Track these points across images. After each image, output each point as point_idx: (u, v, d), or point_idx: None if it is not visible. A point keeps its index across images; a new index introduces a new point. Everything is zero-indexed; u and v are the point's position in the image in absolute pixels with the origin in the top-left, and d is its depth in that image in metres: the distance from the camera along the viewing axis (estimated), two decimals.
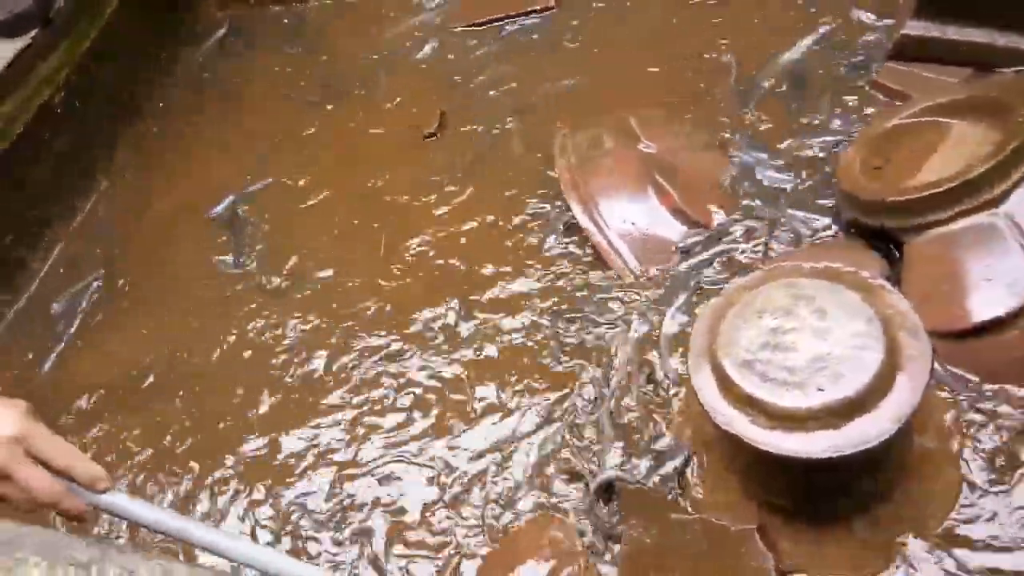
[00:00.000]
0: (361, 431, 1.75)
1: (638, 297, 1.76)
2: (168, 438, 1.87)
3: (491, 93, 2.37)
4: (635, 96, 2.18)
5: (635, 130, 1.96)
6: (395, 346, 1.88)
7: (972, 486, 1.35)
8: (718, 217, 1.82)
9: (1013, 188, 1.45)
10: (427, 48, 2.58)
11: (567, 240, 1.92)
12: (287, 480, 1.72)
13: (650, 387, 1.62)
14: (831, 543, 1.33)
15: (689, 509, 1.43)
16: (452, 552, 1.53)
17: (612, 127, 2.01)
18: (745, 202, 1.83)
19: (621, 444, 1.55)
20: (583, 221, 1.85)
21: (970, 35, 1.86)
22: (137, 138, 2.68)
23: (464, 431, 1.69)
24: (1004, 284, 1.42)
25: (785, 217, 1.78)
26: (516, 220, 2.02)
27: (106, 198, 2.54)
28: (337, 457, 1.73)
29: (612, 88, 2.24)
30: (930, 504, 1.34)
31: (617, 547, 1.43)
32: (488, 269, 1.94)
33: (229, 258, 2.22)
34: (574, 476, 1.55)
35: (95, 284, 2.29)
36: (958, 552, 1.30)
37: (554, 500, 1.54)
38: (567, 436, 1.61)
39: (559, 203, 1.97)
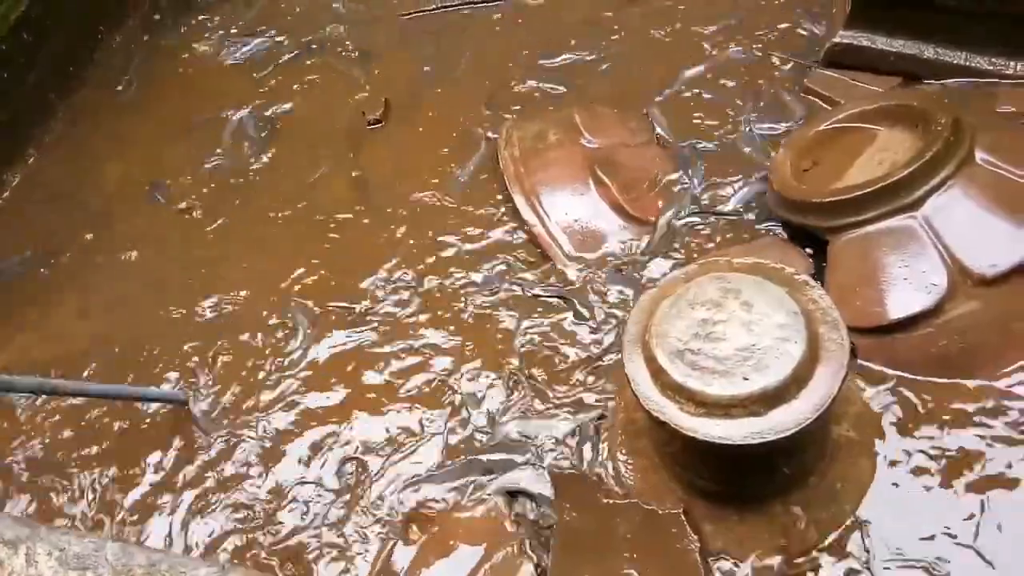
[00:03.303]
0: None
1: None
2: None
3: (438, 80, 2.39)
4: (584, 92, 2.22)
5: (578, 125, 2.00)
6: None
7: (884, 472, 1.43)
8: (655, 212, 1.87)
9: (930, 193, 1.54)
10: (373, 33, 2.58)
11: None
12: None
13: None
14: (751, 525, 1.39)
15: (620, 493, 1.47)
16: (386, 535, 1.55)
17: (556, 121, 2.05)
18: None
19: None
20: (525, 213, 1.88)
21: (898, 46, 1.95)
22: (76, 108, 2.62)
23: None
24: (920, 284, 1.50)
25: (718, 214, 1.85)
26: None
27: (38, 169, 2.49)
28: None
29: (561, 81, 2.28)
30: (845, 489, 1.41)
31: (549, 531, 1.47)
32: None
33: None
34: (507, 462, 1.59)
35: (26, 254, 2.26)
36: (872, 534, 1.37)
37: (487, 484, 1.57)
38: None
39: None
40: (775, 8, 2.26)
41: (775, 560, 1.37)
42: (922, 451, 1.44)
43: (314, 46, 2.61)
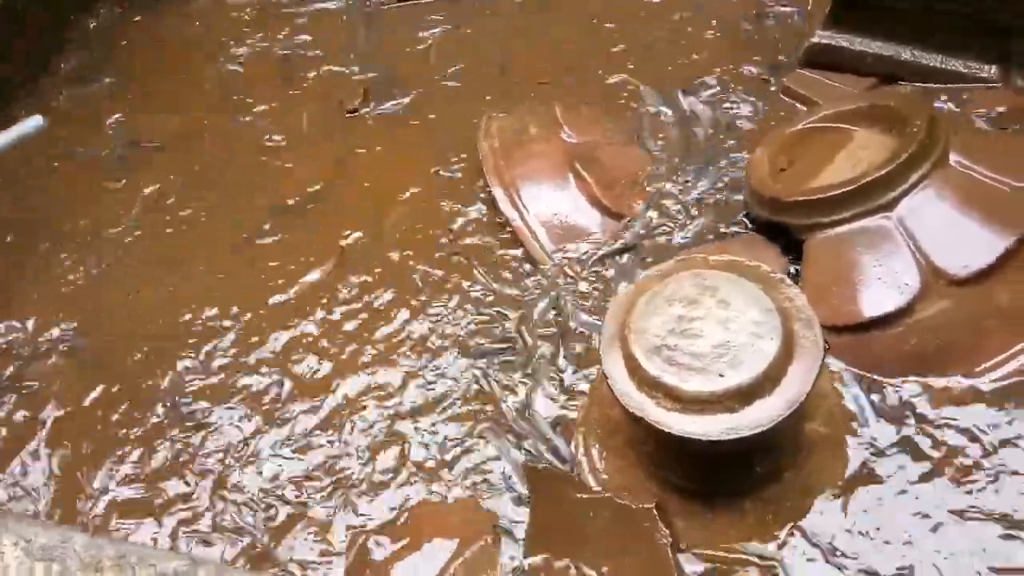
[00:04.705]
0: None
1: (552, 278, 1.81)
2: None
3: (418, 71, 2.38)
4: (557, 87, 2.22)
5: (559, 119, 2.00)
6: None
7: (855, 468, 1.44)
8: (634, 209, 1.88)
9: (905, 194, 1.56)
10: (352, 23, 2.57)
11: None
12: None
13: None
14: (725, 520, 1.40)
15: (595, 488, 1.48)
16: (358, 530, 1.54)
17: (537, 115, 2.05)
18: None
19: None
20: (504, 206, 1.88)
21: (876, 47, 1.97)
22: (49, 94, 2.56)
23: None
24: (894, 283, 1.52)
25: (696, 212, 1.86)
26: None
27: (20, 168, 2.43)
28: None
29: (537, 73, 2.28)
30: (818, 485, 1.43)
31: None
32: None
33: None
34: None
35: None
36: (843, 529, 1.39)
37: (462, 479, 1.57)
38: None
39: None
40: (753, 7, 2.28)
41: (747, 554, 1.39)
42: (894, 447, 1.46)
43: (289, 35, 2.58)
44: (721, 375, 1.24)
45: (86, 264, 2.11)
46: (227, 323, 1.91)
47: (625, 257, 1.81)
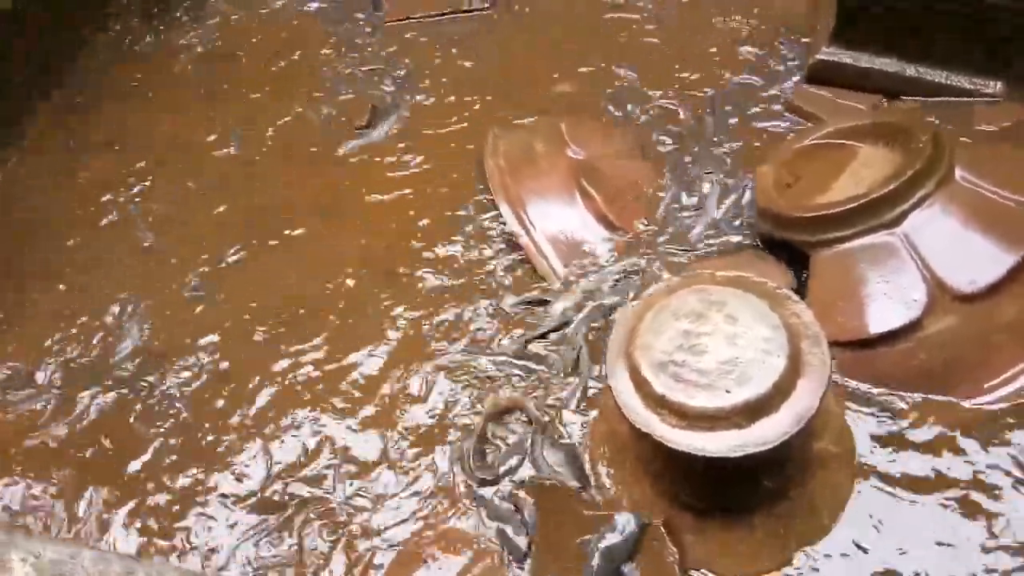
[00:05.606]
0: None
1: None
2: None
3: (421, 88, 2.39)
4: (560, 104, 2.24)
5: (564, 136, 2.01)
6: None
7: (864, 486, 1.44)
8: (639, 223, 1.88)
9: (911, 210, 1.56)
10: (356, 40, 2.60)
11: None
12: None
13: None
14: (733, 538, 1.39)
15: (601, 506, 1.47)
16: (367, 546, 1.54)
17: (542, 131, 2.06)
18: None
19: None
20: (511, 223, 1.89)
21: (880, 64, 1.98)
22: (57, 110, 2.59)
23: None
24: (900, 299, 1.52)
25: (701, 226, 1.87)
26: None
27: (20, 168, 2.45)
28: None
29: (542, 83, 2.30)
30: (826, 502, 1.42)
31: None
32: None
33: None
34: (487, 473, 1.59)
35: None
36: (850, 547, 1.38)
37: (467, 498, 1.57)
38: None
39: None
40: (756, 24, 2.29)
41: (755, 571, 1.38)
42: (902, 465, 1.45)
43: (298, 51, 2.61)
44: (728, 391, 1.23)
45: (85, 267, 2.12)
46: (227, 326, 1.92)
47: (631, 272, 1.81)
